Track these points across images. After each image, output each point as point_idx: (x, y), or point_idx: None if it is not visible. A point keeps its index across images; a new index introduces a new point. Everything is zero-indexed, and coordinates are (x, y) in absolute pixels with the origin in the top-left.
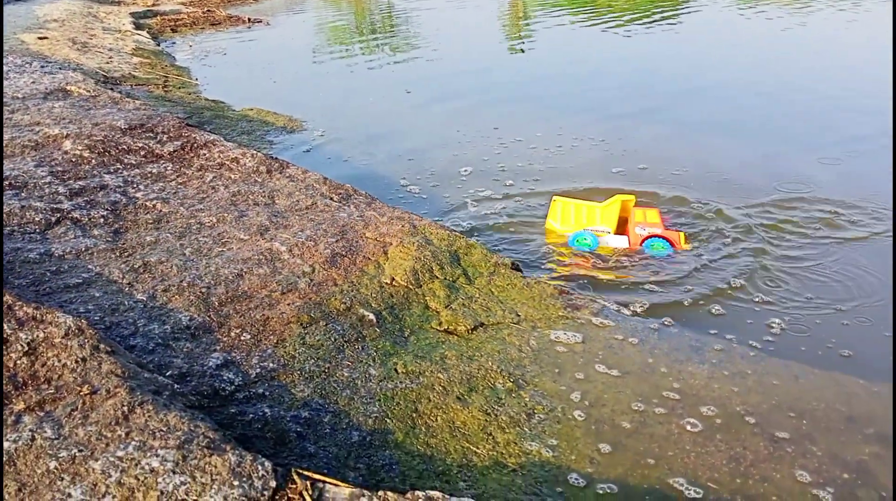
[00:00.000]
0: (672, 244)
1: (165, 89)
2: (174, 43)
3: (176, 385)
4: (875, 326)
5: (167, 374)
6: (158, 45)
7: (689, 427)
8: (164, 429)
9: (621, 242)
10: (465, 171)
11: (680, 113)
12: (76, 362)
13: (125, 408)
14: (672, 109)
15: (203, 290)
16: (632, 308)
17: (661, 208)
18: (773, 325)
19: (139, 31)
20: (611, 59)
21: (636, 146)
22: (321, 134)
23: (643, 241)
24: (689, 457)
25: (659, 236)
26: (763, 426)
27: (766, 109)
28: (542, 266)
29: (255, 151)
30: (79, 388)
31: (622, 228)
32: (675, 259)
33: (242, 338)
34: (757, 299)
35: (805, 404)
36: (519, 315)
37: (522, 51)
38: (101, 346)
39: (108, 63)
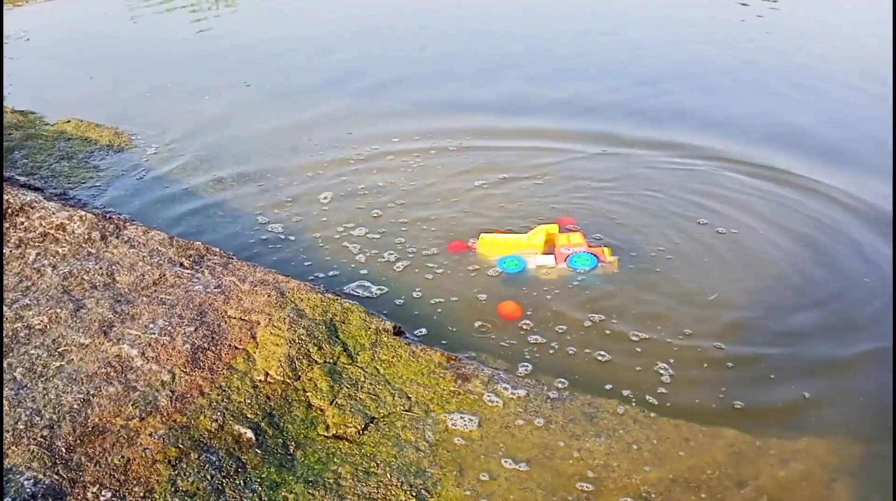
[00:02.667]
0: (597, 257)
1: None
2: None
3: None
4: (759, 367)
5: None
6: None
7: None
8: None
9: (548, 260)
10: (325, 198)
11: (555, 97)
12: None
13: None
14: (543, 93)
15: (45, 432)
16: (520, 368)
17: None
18: (662, 371)
19: None
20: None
21: (493, 145)
22: (154, 152)
23: (567, 257)
24: None
25: (583, 251)
26: None
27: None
28: (429, 319)
29: (83, 212)
30: None
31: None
32: (562, 292)
33: (102, 499)
34: (635, 338)
35: (699, 473)
36: (410, 398)
37: None
38: None
39: None
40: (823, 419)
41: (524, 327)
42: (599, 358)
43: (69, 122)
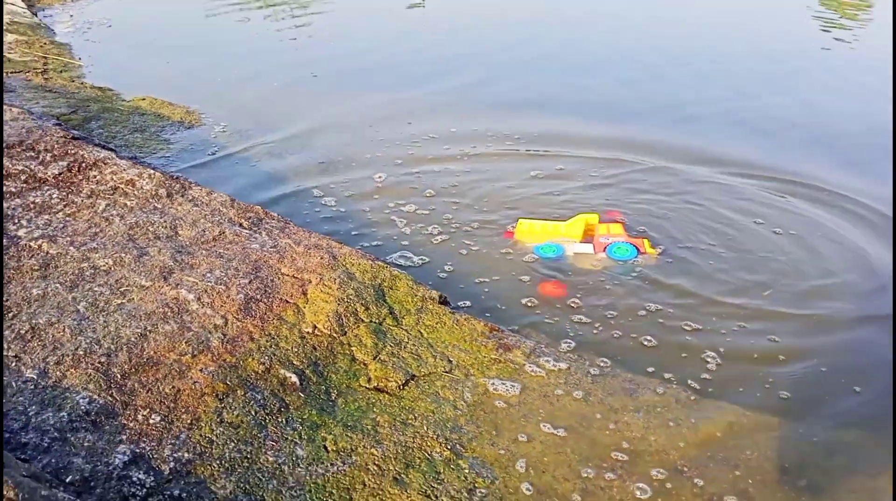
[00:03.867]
0: (637, 248)
1: (45, 76)
2: (52, 13)
3: None
4: (811, 360)
5: (67, 480)
6: (35, 15)
7: (637, 493)
8: None
9: (587, 248)
10: (380, 178)
11: (614, 96)
12: None
13: None
14: (605, 93)
15: (102, 359)
16: (563, 344)
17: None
18: (709, 359)
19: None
20: (518, 22)
21: (550, 143)
22: (222, 129)
23: (606, 247)
24: None
25: (623, 241)
26: (704, 485)
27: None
28: (473, 294)
29: (152, 171)
30: None
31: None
32: (609, 277)
33: (151, 421)
34: (687, 328)
35: (739, 454)
36: (451, 361)
37: (423, 5)
38: None
39: None
40: (874, 414)
41: (571, 305)
42: (645, 343)
43: (144, 99)
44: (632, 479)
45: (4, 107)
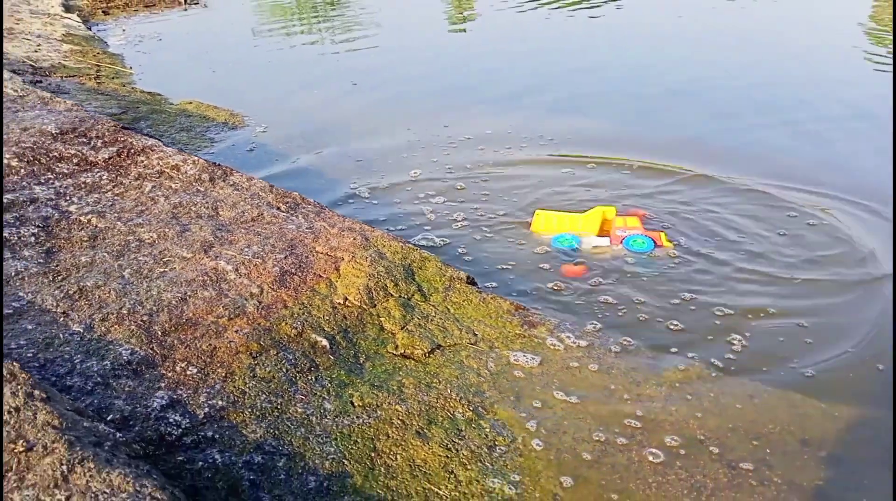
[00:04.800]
0: (654, 241)
1: (98, 81)
2: (106, 28)
3: (118, 434)
4: (837, 342)
5: (108, 418)
6: (89, 29)
7: (650, 457)
8: (108, 491)
9: (603, 241)
10: (415, 174)
11: (634, 106)
12: (10, 412)
13: (64, 467)
14: (629, 102)
15: (144, 318)
16: (588, 324)
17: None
18: (734, 341)
19: (69, 15)
20: (557, 42)
21: (584, 145)
22: (264, 130)
23: (623, 239)
24: (651, 489)
25: (640, 234)
26: (722, 452)
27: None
28: (498, 278)
29: (196, 157)
30: (13, 444)
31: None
32: (633, 265)
33: (188, 373)
34: (718, 313)
35: (761, 427)
36: (476, 335)
37: (465, 30)
38: (36, 392)
39: (36, 52)
40: None
41: (597, 288)
42: (672, 327)
43: (191, 103)
44: (650, 443)
45: (58, 100)
